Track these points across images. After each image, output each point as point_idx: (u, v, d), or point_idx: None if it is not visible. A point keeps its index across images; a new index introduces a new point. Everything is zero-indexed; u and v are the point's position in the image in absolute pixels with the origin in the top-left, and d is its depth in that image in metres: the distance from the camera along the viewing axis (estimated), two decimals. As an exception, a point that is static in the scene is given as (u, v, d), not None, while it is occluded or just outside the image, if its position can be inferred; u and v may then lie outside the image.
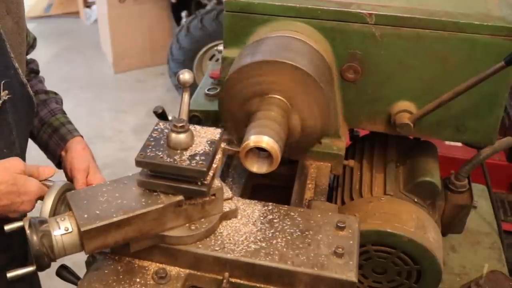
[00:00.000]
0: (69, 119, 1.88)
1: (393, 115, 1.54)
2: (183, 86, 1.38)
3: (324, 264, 1.25)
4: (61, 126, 1.82)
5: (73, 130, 1.84)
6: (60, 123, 1.83)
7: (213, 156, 1.29)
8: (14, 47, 1.43)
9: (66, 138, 1.79)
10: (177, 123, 1.28)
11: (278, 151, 1.27)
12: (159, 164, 1.26)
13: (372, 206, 1.54)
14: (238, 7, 1.53)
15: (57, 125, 1.83)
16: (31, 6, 8.01)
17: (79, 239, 1.22)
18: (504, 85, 1.47)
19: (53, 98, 1.91)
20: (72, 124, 1.87)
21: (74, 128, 1.85)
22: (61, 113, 1.88)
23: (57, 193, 1.37)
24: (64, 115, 1.88)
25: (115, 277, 1.32)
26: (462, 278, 1.86)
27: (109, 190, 1.32)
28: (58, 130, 1.81)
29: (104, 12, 6.50)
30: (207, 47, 5.47)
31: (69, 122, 1.87)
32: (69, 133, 1.81)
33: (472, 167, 1.66)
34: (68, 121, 1.87)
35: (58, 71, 6.64)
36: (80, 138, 1.83)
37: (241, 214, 1.38)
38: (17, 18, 1.47)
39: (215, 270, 1.30)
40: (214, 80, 2.06)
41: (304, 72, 1.36)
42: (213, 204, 1.31)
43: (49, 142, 1.82)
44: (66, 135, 1.80)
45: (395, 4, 1.48)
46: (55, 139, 1.80)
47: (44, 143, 1.83)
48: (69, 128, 1.83)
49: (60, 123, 1.83)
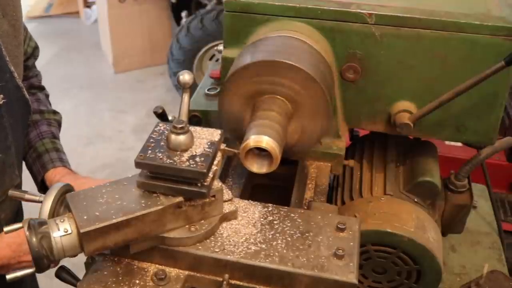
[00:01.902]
0: (57, 145, 1.85)
1: (393, 115, 1.54)
2: (183, 87, 1.38)
3: (325, 265, 1.24)
4: (45, 153, 1.80)
5: (56, 159, 1.80)
6: (45, 149, 1.81)
7: (213, 157, 1.29)
8: (9, 50, 1.43)
9: (46, 167, 1.77)
10: (177, 124, 1.27)
11: (278, 151, 1.27)
12: (158, 165, 1.26)
13: (372, 206, 1.54)
14: (238, 7, 1.53)
15: (42, 151, 1.80)
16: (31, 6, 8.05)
17: (79, 241, 1.21)
18: (504, 85, 1.46)
19: (45, 120, 1.87)
20: (58, 151, 1.83)
21: (57, 157, 1.81)
22: (49, 138, 1.84)
23: (56, 194, 1.36)
24: (52, 140, 1.84)
25: (114, 278, 1.32)
26: (462, 278, 1.86)
27: (108, 191, 1.31)
28: (41, 157, 1.79)
29: (104, 12, 6.53)
30: (207, 47, 5.50)
31: (54, 148, 1.83)
32: (50, 162, 1.78)
33: (472, 167, 1.66)
34: (54, 147, 1.83)
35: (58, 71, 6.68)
36: (63, 167, 1.80)
37: (241, 215, 1.38)
38: (13, 21, 1.46)
39: (215, 272, 1.30)
40: (214, 80, 2.06)
41: (304, 72, 1.36)
42: (213, 205, 1.31)
43: (33, 167, 1.81)
44: (47, 164, 1.78)
45: (395, 4, 1.48)
46: (36, 166, 1.79)
47: (29, 167, 1.82)
48: (52, 156, 1.80)
49: (45, 149, 1.81)
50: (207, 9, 5.74)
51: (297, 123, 1.44)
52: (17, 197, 1.47)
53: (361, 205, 1.57)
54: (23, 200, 1.38)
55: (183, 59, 5.53)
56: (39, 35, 7.04)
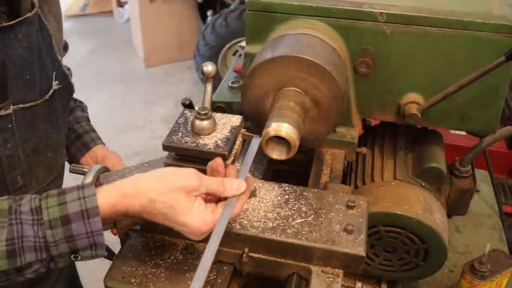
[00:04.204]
0: (93, 127, 1.93)
1: (402, 106, 1.54)
2: (206, 77, 1.41)
3: (336, 240, 1.27)
4: (85, 134, 1.88)
5: (96, 138, 1.90)
6: (84, 130, 1.89)
7: (234, 141, 1.32)
8: (56, 43, 1.48)
9: (89, 145, 1.86)
10: (201, 110, 1.31)
11: (296, 139, 1.29)
12: (184, 148, 1.29)
13: (383, 190, 1.55)
14: (259, 7, 1.54)
15: (81, 132, 1.88)
16: (68, 6, 8.07)
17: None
18: (505, 79, 1.47)
19: (79, 107, 1.95)
20: (95, 132, 1.93)
21: (97, 136, 1.91)
22: (85, 121, 1.93)
23: (94, 175, 1.38)
24: (88, 123, 1.93)
25: (147, 252, 1.36)
26: (465, 256, 1.87)
27: (139, 172, 1.35)
28: (81, 137, 1.87)
29: (136, 11, 6.54)
30: (231, 44, 5.48)
31: (92, 130, 1.92)
32: (92, 141, 1.87)
33: (475, 154, 1.66)
34: (92, 129, 1.92)
35: (93, 66, 6.70)
36: (102, 145, 1.89)
37: (259, 194, 1.40)
38: (57, 17, 1.52)
39: (237, 246, 1.33)
40: (237, 74, 2.07)
41: (320, 66, 1.37)
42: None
43: (71, 147, 1.87)
44: (89, 142, 1.86)
45: (404, 3, 1.48)
46: (77, 145, 1.86)
47: (66, 147, 1.87)
48: (92, 136, 1.89)
49: (84, 130, 1.89)
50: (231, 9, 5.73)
51: (314, 113, 1.45)
52: (77, 171, 1.52)
53: (373, 189, 1.57)
54: (83, 173, 1.41)
55: (209, 54, 5.52)
56: (75, 33, 7.16)
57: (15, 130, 1.38)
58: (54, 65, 1.47)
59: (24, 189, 1.46)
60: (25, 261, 1.07)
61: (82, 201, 1.09)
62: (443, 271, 1.79)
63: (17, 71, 1.33)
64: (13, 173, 1.42)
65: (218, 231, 1.13)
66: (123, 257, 1.36)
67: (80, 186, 1.12)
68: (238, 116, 1.40)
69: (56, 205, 1.09)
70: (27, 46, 1.34)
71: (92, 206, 1.09)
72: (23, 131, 1.40)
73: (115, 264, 1.34)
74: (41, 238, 1.07)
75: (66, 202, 1.09)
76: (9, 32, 1.30)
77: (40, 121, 1.45)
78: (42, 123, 1.46)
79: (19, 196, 1.12)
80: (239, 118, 1.38)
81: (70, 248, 1.09)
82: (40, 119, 1.44)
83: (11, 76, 1.32)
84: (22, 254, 1.06)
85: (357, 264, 1.27)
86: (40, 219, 1.08)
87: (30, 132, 1.42)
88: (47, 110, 1.46)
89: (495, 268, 1.60)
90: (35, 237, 1.07)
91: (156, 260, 1.34)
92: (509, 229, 2.12)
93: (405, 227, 1.46)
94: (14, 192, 1.43)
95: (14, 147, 1.39)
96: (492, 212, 2.09)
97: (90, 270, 2.32)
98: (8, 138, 1.37)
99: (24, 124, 1.39)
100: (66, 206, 1.09)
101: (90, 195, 1.10)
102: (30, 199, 1.11)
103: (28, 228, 1.07)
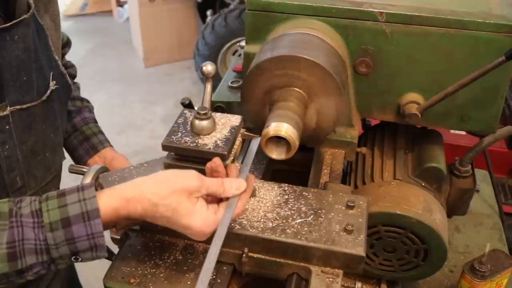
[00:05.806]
0: (100, 129, 1.94)
1: (402, 106, 1.54)
2: (206, 77, 1.40)
3: (335, 240, 1.27)
4: (93, 136, 1.89)
5: (104, 140, 1.91)
6: (92, 132, 1.90)
7: (234, 141, 1.31)
8: (53, 42, 1.47)
9: (97, 147, 1.87)
10: (200, 110, 1.30)
11: (296, 139, 1.28)
12: (183, 148, 1.28)
13: (382, 189, 1.54)
14: (259, 6, 1.53)
15: (89, 134, 1.89)
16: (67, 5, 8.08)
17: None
18: (505, 78, 1.46)
19: (87, 107, 1.96)
20: (103, 134, 1.93)
21: (105, 139, 1.92)
22: (93, 123, 1.93)
23: (93, 175, 1.38)
24: (96, 125, 1.94)
25: (147, 252, 1.36)
26: (465, 256, 1.86)
27: (138, 172, 1.35)
28: (89, 139, 1.88)
29: (136, 11, 6.54)
30: (231, 43, 5.49)
31: (100, 132, 1.93)
32: (100, 143, 1.88)
33: (475, 154, 1.66)
34: (100, 130, 1.93)
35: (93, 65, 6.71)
36: (111, 147, 1.91)
37: (259, 194, 1.40)
38: (54, 16, 1.51)
39: (236, 246, 1.33)
40: (237, 74, 2.06)
41: (320, 66, 1.36)
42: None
43: (78, 148, 1.88)
44: (98, 145, 1.88)
45: (404, 3, 1.48)
46: (85, 147, 1.87)
47: (73, 147, 1.89)
48: (101, 138, 1.90)
49: (92, 132, 1.90)
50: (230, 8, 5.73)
51: (314, 113, 1.44)
52: (77, 171, 1.52)
53: (373, 189, 1.57)
54: (82, 173, 1.42)
55: (208, 54, 5.53)
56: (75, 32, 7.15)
57: (13, 132, 1.37)
58: (51, 65, 1.46)
59: (23, 190, 1.46)
60: (26, 264, 1.07)
61: (82, 203, 1.09)
62: (443, 271, 1.78)
63: (13, 72, 1.33)
64: (12, 174, 1.41)
65: (219, 234, 1.14)
66: (123, 257, 1.35)
67: (80, 188, 1.12)
68: (238, 116, 1.39)
69: (57, 208, 1.09)
70: (23, 47, 1.34)
71: (93, 208, 1.09)
72: (21, 132, 1.40)
73: (115, 264, 1.34)
74: (41, 240, 1.08)
75: (66, 205, 1.09)
76: (5, 34, 1.29)
77: (37, 122, 1.44)
78: (40, 123, 1.46)
79: (19, 198, 1.12)
80: (239, 118, 1.38)
81: (71, 250, 1.09)
82: (37, 119, 1.44)
83: (8, 78, 1.32)
84: (23, 257, 1.06)
85: (357, 264, 1.27)
86: (40, 221, 1.08)
87: (28, 133, 1.42)
88: (44, 111, 1.46)
89: (495, 268, 1.60)
90: (35, 240, 1.07)
91: (155, 260, 1.34)
92: (509, 229, 2.11)
93: (405, 227, 1.46)
94: (13, 193, 1.43)
95: (12, 148, 1.39)
96: (492, 212, 2.09)
97: (89, 269, 2.32)
98: (5, 139, 1.36)
99: (21, 125, 1.39)
100: (66, 208, 1.09)
101: (90, 197, 1.10)
102: (30, 202, 1.11)
103: (29, 231, 1.07)
